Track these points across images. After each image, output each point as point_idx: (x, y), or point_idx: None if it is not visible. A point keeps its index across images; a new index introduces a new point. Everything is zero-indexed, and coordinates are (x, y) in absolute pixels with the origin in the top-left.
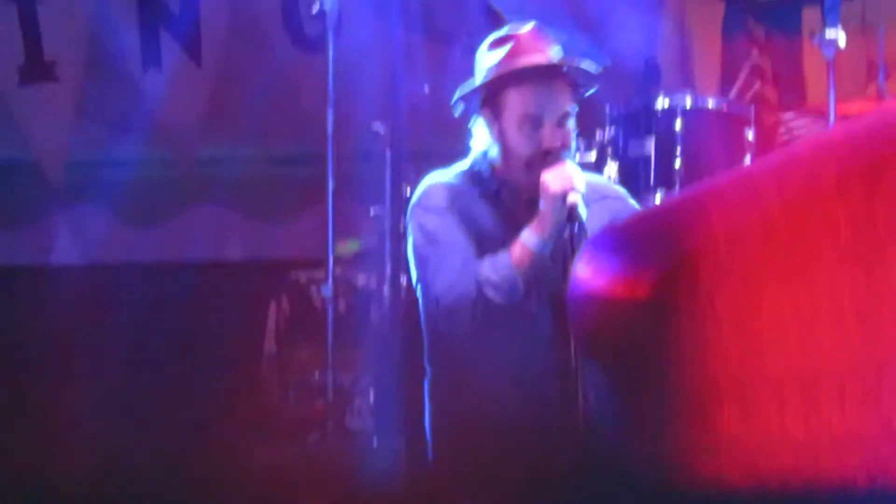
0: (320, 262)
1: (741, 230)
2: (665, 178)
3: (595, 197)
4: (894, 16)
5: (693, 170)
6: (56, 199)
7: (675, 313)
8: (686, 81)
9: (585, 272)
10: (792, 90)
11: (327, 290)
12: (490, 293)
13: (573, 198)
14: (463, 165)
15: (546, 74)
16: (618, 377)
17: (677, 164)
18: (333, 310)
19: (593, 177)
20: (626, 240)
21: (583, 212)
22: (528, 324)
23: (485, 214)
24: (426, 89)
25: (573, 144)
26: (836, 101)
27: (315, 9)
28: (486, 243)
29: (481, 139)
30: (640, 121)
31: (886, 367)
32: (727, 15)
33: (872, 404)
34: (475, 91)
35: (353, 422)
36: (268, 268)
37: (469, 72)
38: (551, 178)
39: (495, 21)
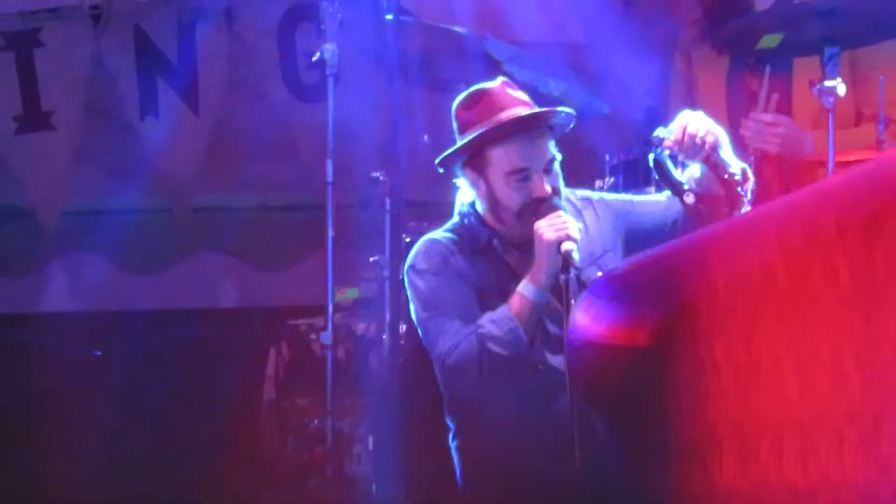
0: (320, 310)
1: (740, 277)
2: None
3: (581, 206)
4: (885, 65)
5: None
6: (53, 247)
7: (674, 360)
8: None
9: (584, 319)
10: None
11: (327, 337)
12: (494, 348)
13: (567, 246)
14: (453, 221)
15: (526, 126)
16: (617, 424)
17: None
18: (333, 357)
19: (570, 191)
20: (624, 287)
21: (577, 258)
22: (535, 372)
23: (479, 266)
24: (425, 138)
25: (562, 187)
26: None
27: (314, 58)
28: (485, 295)
29: (467, 194)
30: (640, 169)
31: (885, 413)
32: (731, 66)
33: (871, 451)
34: (458, 151)
35: (352, 468)
36: (267, 315)
37: None
38: (545, 228)
39: (495, 69)
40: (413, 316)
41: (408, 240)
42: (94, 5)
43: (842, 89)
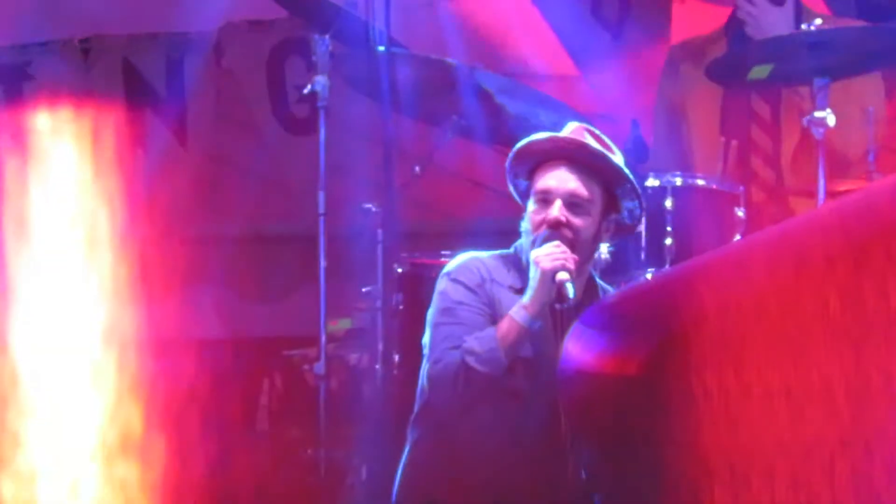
0: (313, 341)
1: (731, 307)
2: (656, 255)
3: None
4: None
5: (684, 247)
6: None
7: (664, 389)
8: (683, 160)
9: (576, 349)
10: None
11: (320, 367)
12: (472, 363)
13: (562, 276)
14: (505, 250)
15: (560, 155)
16: (608, 453)
17: (668, 241)
18: (326, 387)
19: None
20: (616, 317)
21: (571, 291)
22: (519, 403)
23: (510, 304)
24: (417, 169)
25: (584, 234)
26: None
27: (306, 90)
28: None
29: (524, 225)
30: None
31: (876, 442)
32: (726, 92)
33: (863, 480)
34: (512, 171)
35: (345, 499)
36: (260, 346)
37: (460, 152)
38: (542, 256)
39: (485, 101)
40: (427, 318)
41: (400, 270)
42: (83, 39)
43: (831, 120)
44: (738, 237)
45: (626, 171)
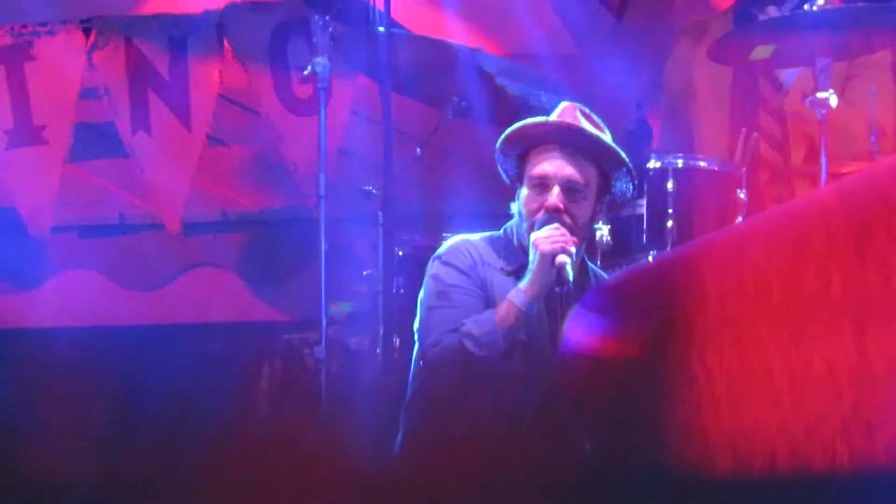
0: (313, 324)
1: (733, 288)
2: (657, 238)
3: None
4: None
5: (685, 230)
6: (46, 263)
7: (666, 372)
8: (688, 143)
9: (576, 331)
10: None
11: (320, 351)
12: (470, 346)
13: (562, 259)
14: (495, 232)
15: (561, 139)
16: (609, 436)
17: (669, 224)
18: (326, 371)
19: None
20: (617, 298)
21: (570, 274)
22: (515, 386)
23: (502, 287)
24: (418, 151)
25: (581, 219)
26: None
27: (306, 71)
28: None
29: (515, 208)
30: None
31: (878, 424)
32: (735, 77)
33: (864, 463)
34: (502, 152)
35: (345, 482)
36: (260, 329)
37: (461, 133)
38: (542, 239)
39: (486, 82)
40: (419, 302)
41: (401, 253)
42: (85, 20)
43: (834, 100)
44: (739, 219)
45: (621, 151)
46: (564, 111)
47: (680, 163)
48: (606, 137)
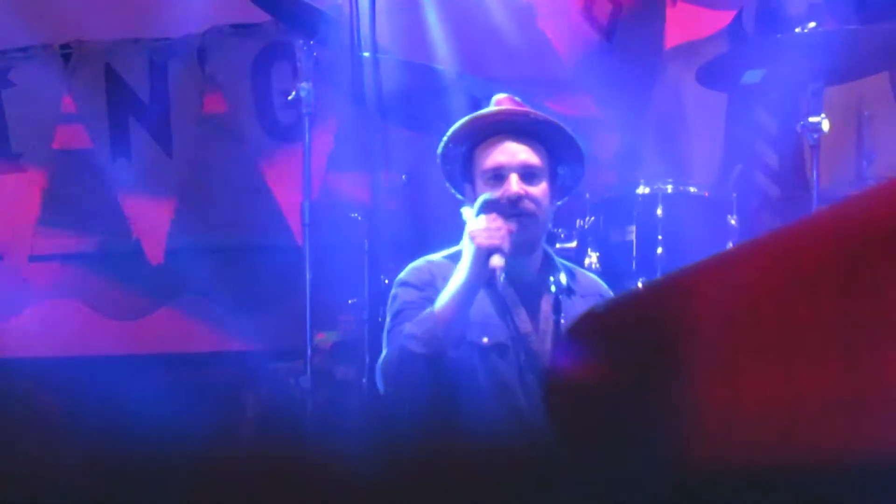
0: (298, 353)
1: (723, 314)
2: (647, 264)
3: (585, 292)
4: (876, 102)
5: (675, 256)
6: (24, 292)
7: (656, 400)
8: (678, 167)
9: (565, 358)
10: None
11: (305, 381)
12: (413, 347)
13: (497, 262)
14: (454, 248)
15: (508, 128)
16: (597, 465)
17: (659, 250)
18: (312, 401)
19: (586, 272)
20: (606, 325)
21: (501, 277)
22: (471, 376)
23: None
24: (403, 178)
25: (542, 204)
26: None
27: (290, 97)
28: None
29: (466, 214)
30: (621, 207)
31: (872, 450)
32: (730, 104)
33: (858, 492)
34: (444, 157)
35: None
36: (245, 359)
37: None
38: (478, 232)
39: (473, 107)
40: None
41: (386, 281)
42: (64, 44)
43: (826, 125)
44: (730, 245)
45: (568, 129)
46: (501, 102)
47: (669, 188)
48: (552, 118)
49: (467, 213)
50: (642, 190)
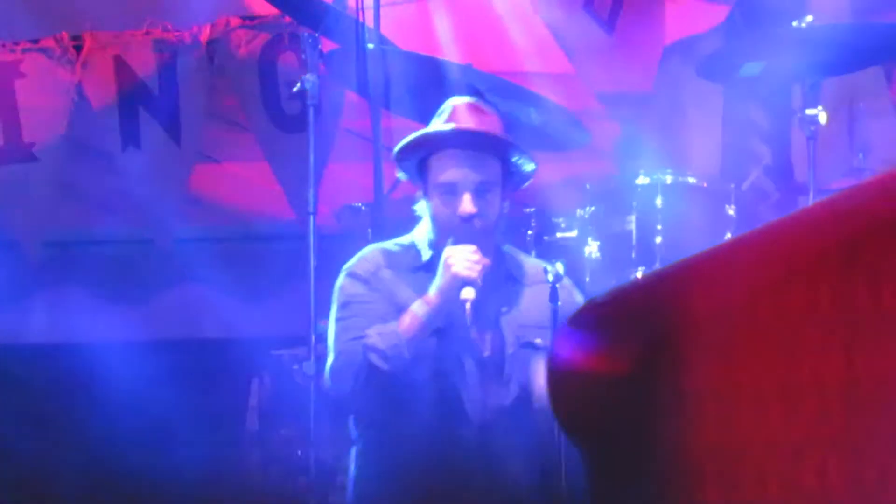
0: (302, 340)
1: (722, 305)
2: (646, 253)
3: (530, 281)
4: (869, 94)
5: (674, 245)
6: (36, 279)
7: (655, 389)
8: (678, 159)
9: (564, 348)
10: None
11: (309, 367)
12: (375, 360)
13: (467, 294)
14: (406, 237)
15: (465, 141)
16: (598, 454)
17: (658, 239)
18: (315, 387)
19: (531, 260)
20: (606, 315)
21: (468, 311)
22: (439, 399)
23: (412, 284)
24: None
25: (493, 216)
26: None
27: (295, 88)
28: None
29: (421, 211)
30: (620, 197)
31: (867, 442)
32: (726, 101)
33: (854, 479)
34: (399, 158)
35: (336, 499)
36: (249, 345)
37: None
38: (457, 259)
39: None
40: (330, 316)
41: None
42: (74, 36)
43: (823, 118)
44: (728, 236)
45: (514, 142)
46: (456, 111)
47: (669, 179)
48: (499, 128)
49: (421, 210)
50: (642, 180)
